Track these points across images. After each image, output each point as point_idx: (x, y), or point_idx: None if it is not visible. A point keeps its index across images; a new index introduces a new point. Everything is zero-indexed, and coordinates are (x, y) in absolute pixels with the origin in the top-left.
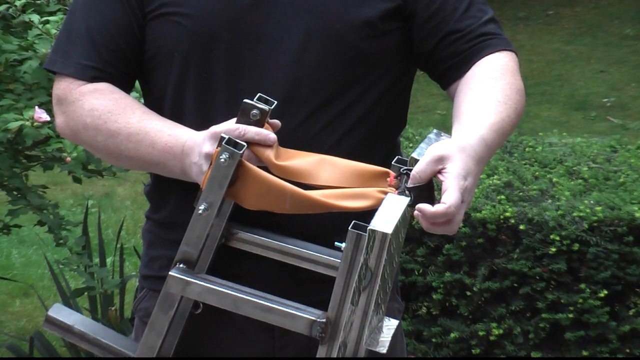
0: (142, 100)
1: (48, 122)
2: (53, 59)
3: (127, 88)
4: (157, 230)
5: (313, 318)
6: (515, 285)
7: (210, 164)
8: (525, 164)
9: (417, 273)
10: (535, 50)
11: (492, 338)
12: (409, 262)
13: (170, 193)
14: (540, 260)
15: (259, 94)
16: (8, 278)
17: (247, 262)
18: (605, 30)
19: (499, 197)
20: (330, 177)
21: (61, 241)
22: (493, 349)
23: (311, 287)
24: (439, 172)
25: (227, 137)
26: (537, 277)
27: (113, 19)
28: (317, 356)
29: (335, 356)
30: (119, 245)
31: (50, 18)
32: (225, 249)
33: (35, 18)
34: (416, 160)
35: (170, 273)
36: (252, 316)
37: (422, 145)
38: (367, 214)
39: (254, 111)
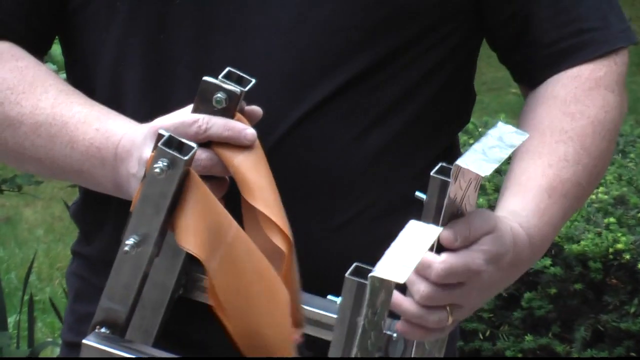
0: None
1: None
2: None
3: (39, 53)
4: (87, 273)
5: None
6: (633, 353)
7: (144, 176)
8: None
9: (482, 337)
10: None
11: None
12: (470, 321)
13: (107, 215)
14: None
15: (228, 69)
16: None
17: (216, 322)
18: None
19: (606, 221)
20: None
21: None
22: None
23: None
24: None
25: (166, 134)
26: None
27: None
28: None
29: None
30: (26, 297)
31: None
32: (186, 304)
33: None
34: (460, 170)
35: (84, 341)
36: None
37: (475, 147)
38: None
39: (219, 95)
